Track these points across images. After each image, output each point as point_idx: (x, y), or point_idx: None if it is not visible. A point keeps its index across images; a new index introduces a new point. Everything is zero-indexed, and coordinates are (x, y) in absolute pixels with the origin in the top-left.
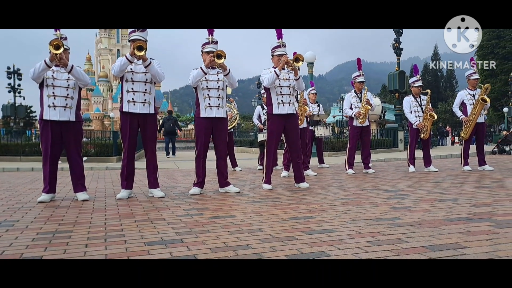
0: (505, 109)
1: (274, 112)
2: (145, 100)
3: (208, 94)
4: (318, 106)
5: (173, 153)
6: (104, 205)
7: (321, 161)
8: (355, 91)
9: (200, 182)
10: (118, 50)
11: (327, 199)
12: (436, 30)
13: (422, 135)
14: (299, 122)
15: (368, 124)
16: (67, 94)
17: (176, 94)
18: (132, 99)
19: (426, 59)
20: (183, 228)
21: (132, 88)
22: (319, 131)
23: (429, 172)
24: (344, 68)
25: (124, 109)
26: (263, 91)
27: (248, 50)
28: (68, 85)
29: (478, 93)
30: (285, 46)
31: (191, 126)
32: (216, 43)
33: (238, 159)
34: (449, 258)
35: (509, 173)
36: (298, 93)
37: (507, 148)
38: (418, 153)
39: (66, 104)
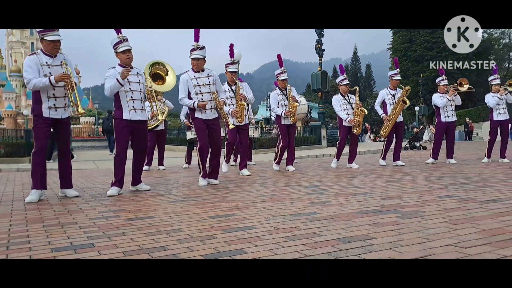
0: (417, 108)
1: (196, 116)
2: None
3: (132, 97)
4: (247, 105)
5: (111, 151)
6: (11, 210)
7: (249, 158)
8: (279, 88)
9: (118, 182)
10: (32, 43)
11: (250, 196)
12: (356, 32)
13: (355, 130)
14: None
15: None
16: None
17: (98, 90)
18: (54, 105)
19: (346, 60)
20: (96, 232)
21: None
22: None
23: (350, 168)
24: (271, 66)
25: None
26: None
27: (179, 42)
28: None
29: (398, 93)
30: (202, 48)
31: None
32: (127, 40)
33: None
34: (357, 248)
35: (418, 168)
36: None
37: (417, 144)
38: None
39: None
